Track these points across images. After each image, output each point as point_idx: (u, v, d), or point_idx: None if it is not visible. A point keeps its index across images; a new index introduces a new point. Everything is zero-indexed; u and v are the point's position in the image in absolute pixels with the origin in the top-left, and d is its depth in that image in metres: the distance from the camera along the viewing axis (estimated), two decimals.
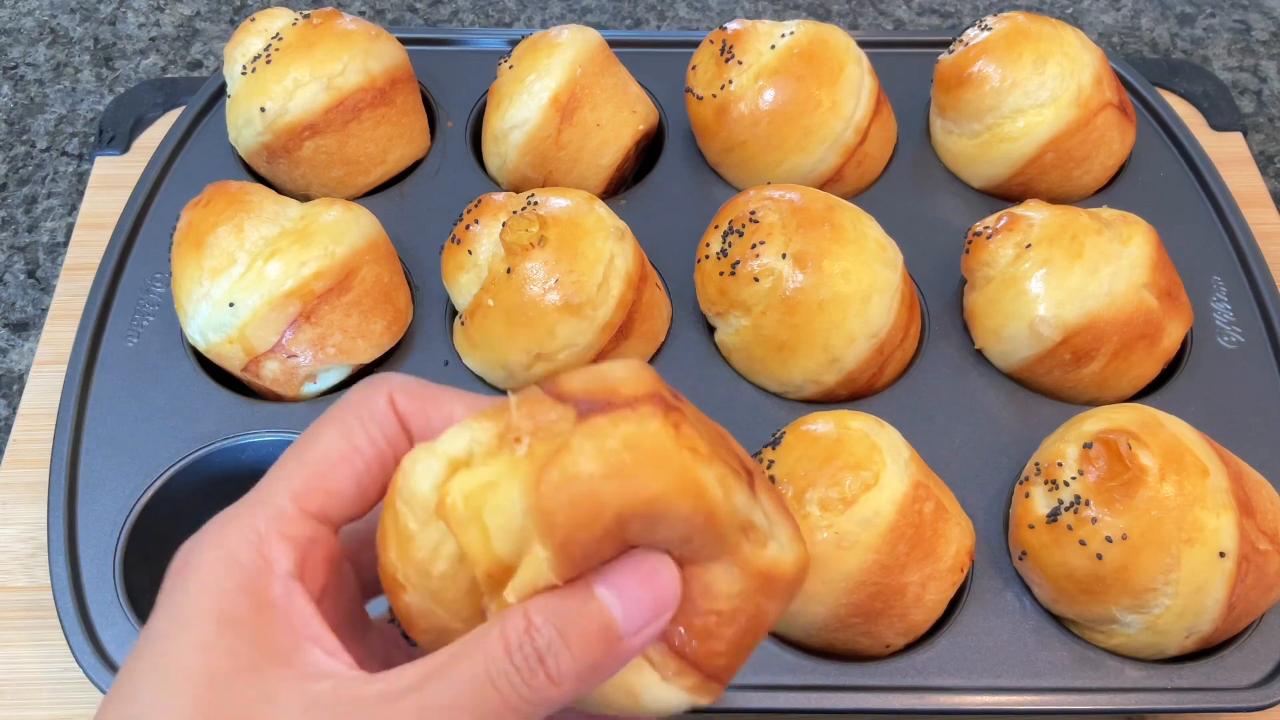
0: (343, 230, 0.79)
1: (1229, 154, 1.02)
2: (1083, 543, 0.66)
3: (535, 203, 0.79)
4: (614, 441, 0.37)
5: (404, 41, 0.97)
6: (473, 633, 0.39)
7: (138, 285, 0.85)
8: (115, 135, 1.02)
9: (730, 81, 0.88)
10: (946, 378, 0.82)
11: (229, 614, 0.39)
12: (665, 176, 0.94)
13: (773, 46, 0.88)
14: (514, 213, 0.78)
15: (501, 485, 0.38)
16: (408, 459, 0.41)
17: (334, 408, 0.43)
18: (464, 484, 0.39)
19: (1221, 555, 0.65)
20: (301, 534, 0.41)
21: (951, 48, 0.92)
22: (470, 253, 0.79)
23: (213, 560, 0.40)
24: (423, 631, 0.42)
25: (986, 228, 0.82)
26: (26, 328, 0.94)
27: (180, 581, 0.40)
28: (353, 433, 0.42)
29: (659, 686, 0.42)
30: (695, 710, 0.67)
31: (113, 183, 0.98)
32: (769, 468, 0.69)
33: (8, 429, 0.86)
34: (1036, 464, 0.72)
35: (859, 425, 0.70)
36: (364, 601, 0.46)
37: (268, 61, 0.87)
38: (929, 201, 0.93)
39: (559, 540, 0.37)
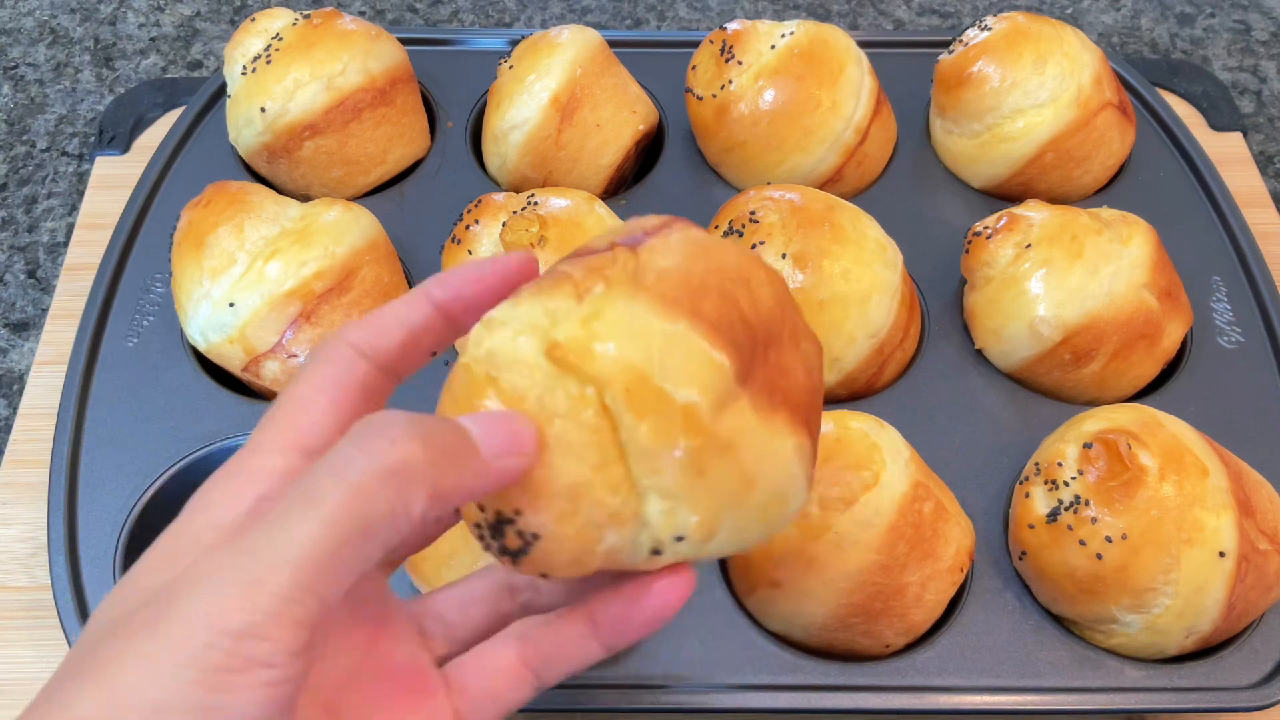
0: (343, 230, 0.79)
1: (1229, 154, 1.02)
2: (1082, 543, 0.66)
3: (535, 203, 0.79)
4: (675, 244, 0.41)
5: (404, 41, 0.97)
6: None
7: (138, 285, 0.85)
8: (115, 135, 1.02)
9: (730, 81, 0.88)
10: (946, 378, 0.82)
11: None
12: (665, 176, 0.94)
13: (773, 46, 0.88)
14: (514, 213, 0.78)
15: (604, 312, 0.39)
16: (475, 343, 0.41)
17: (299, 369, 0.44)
18: (568, 329, 0.39)
19: (1221, 555, 0.65)
20: (276, 466, 0.41)
21: (951, 48, 0.92)
22: (470, 253, 0.79)
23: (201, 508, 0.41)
24: None
25: (986, 228, 0.82)
26: (26, 328, 0.94)
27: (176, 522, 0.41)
28: (313, 376, 0.43)
29: (803, 482, 0.43)
30: (698, 710, 0.67)
31: (113, 183, 0.98)
32: None
33: (8, 429, 0.86)
34: (1036, 464, 0.72)
35: (859, 425, 0.70)
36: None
37: (268, 62, 0.87)
38: (929, 201, 0.93)
39: (690, 311, 0.39)
